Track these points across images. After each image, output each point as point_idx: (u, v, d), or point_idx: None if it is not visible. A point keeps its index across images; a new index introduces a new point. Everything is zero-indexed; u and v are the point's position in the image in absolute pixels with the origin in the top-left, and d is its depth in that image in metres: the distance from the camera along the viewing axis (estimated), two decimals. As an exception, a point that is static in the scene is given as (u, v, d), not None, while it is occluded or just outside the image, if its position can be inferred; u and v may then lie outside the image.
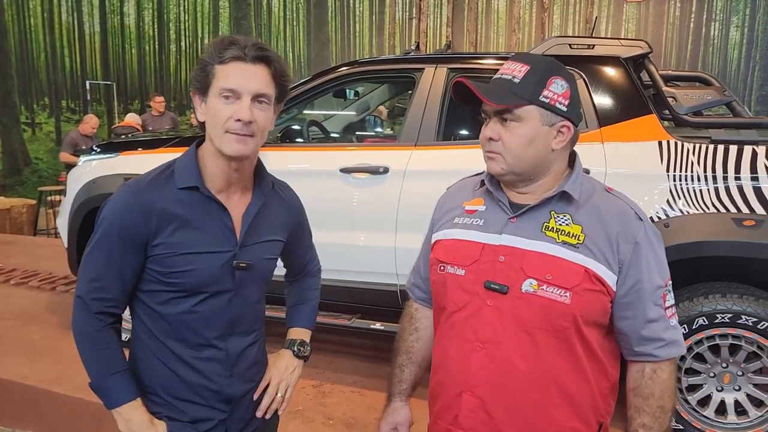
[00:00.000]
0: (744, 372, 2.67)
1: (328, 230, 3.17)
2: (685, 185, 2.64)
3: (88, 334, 1.34)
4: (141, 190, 1.31)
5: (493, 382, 1.26)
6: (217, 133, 1.28)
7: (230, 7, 9.96)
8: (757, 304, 2.54)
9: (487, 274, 1.27)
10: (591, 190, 1.31)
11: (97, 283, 1.32)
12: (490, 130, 1.29)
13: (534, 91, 1.25)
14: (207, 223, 1.33)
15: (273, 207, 1.47)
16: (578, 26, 7.94)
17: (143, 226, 1.29)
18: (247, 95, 1.27)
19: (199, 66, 1.31)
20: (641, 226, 1.27)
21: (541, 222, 1.27)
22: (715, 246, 2.57)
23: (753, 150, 2.60)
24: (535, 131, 1.26)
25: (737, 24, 7.34)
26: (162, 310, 1.35)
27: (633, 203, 1.32)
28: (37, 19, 10.67)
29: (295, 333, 1.62)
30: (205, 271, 1.32)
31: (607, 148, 2.78)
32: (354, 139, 4.50)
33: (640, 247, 1.25)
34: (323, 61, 9.15)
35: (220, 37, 1.33)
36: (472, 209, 1.37)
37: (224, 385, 1.40)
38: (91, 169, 3.74)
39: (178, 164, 1.36)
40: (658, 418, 1.27)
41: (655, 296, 1.27)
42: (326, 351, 3.70)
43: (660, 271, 1.28)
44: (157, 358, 1.37)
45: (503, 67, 1.31)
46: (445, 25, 8.42)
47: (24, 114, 10.70)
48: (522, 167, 1.28)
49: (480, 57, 3.42)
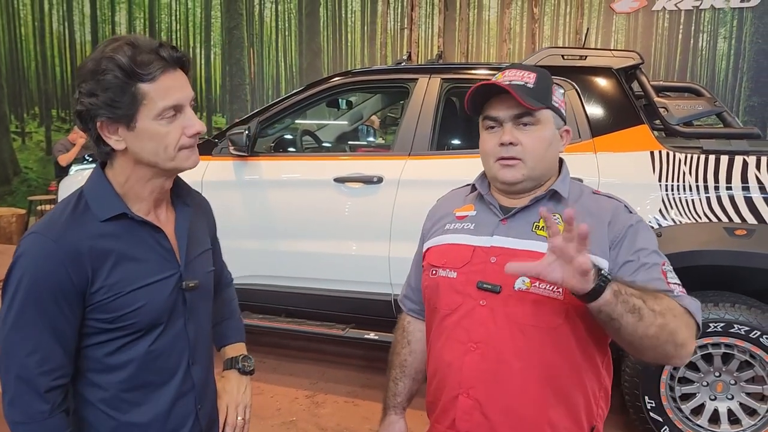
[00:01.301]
0: (737, 381, 2.69)
1: (322, 240, 3.17)
2: (677, 195, 2.66)
3: (36, 424, 1.10)
4: (60, 235, 1.10)
5: (487, 383, 1.25)
6: (165, 155, 1.14)
7: (222, 17, 9.96)
8: (749, 313, 2.56)
9: (479, 275, 1.28)
10: (579, 193, 1.35)
11: (38, 355, 1.09)
12: (508, 135, 1.28)
13: (548, 95, 1.30)
14: (143, 250, 1.18)
15: (196, 214, 1.35)
16: (568, 37, 8.01)
17: (76, 275, 1.10)
18: (188, 104, 1.15)
19: (110, 89, 1.08)
20: (633, 216, 1.30)
21: (532, 222, 1.29)
22: (707, 255, 2.59)
23: (744, 160, 2.63)
24: (551, 134, 1.31)
25: (725, 35, 7.43)
26: (114, 360, 1.17)
27: (623, 200, 1.35)
28: (28, 29, 10.64)
29: (232, 350, 1.51)
30: (156, 302, 1.18)
31: (599, 158, 2.80)
32: (347, 148, 4.51)
33: (633, 228, 1.27)
34: (315, 71, 9.16)
35: (112, 45, 1.11)
36: (463, 215, 1.39)
37: (195, 421, 1.29)
38: (83, 179, 3.72)
39: (89, 195, 1.17)
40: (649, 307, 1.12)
41: (653, 271, 1.23)
42: (320, 361, 3.68)
43: (656, 252, 1.27)
44: (113, 418, 1.19)
45: (509, 74, 1.31)
46: (436, 36, 8.46)
47: (14, 123, 10.65)
48: (540, 171, 1.31)
49: (472, 67, 3.44)
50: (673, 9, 7.54)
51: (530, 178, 1.31)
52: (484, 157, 1.36)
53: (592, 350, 1.27)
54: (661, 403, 2.69)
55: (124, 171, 1.18)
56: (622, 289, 1.10)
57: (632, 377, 2.72)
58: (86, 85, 1.10)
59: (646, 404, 2.70)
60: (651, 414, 2.70)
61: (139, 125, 1.11)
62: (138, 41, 1.11)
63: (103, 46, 1.12)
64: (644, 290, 1.14)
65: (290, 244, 3.16)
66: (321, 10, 9.35)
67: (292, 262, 3.19)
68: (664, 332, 1.12)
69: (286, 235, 3.16)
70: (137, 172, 1.17)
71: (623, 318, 1.10)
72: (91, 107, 1.10)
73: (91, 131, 1.14)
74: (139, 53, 1.09)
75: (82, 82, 1.12)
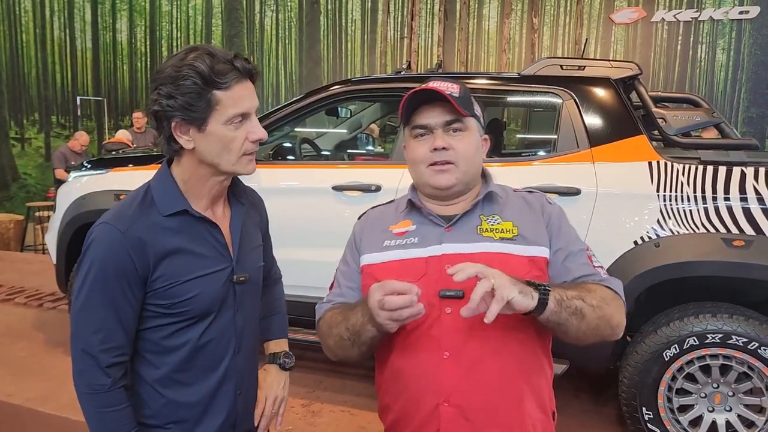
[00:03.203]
0: (735, 392, 2.67)
1: (320, 248, 3.16)
2: (675, 205, 2.66)
3: (99, 395, 1.22)
4: (127, 226, 1.22)
5: (467, 387, 1.26)
6: (229, 158, 1.24)
7: (223, 25, 10.00)
8: (747, 324, 2.55)
9: (439, 284, 1.28)
10: (506, 192, 1.45)
11: (101, 334, 1.22)
12: (441, 140, 1.35)
13: (471, 104, 1.39)
14: (200, 244, 1.29)
15: (249, 211, 1.45)
16: (567, 47, 8.04)
17: (139, 263, 1.22)
18: (253, 113, 1.26)
19: (188, 94, 1.18)
20: (555, 207, 1.43)
21: (475, 226, 1.35)
22: (705, 266, 2.59)
23: (742, 171, 2.63)
24: (477, 140, 1.40)
25: (723, 47, 7.46)
26: (170, 343, 1.29)
27: (540, 192, 1.48)
28: (29, 35, 10.67)
29: (275, 345, 1.60)
30: (209, 292, 1.29)
31: (597, 168, 2.80)
32: (346, 157, 4.51)
33: (557, 217, 1.40)
34: (315, 80, 9.19)
35: (193, 54, 1.20)
36: (402, 231, 1.41)
37: (233, 405, 1.38)
38: (81, 185, 3.72)
39: (155, 190, 1.29)
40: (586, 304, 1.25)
41: (580, 257, 1.37)
42: (316, 370, 3.67)
43: (578, 238, 1.41)
44: (164, 396, 1.30)
45: (434, 84, 1.37)
46: (436, 45, 8.49)
47: (13, 129, 10.66)
48: (471, 175, 1.39)
49: (472, 76, 3.45)
50: (672, 20, 7.57)
51: (462, 182, 1.37)
52: (413, 165, 1.41)
53: (545, 339, 1.36)
54: (658, 414, 2.68)
55: (187, 169, 1.28)
56: (563, 295, 1.21)
57: (630, 388, 2.71)
58: (165, 88, 1.20)
59: (644, 415, 2.69)
60: (649, 425, 2.69)
61: (210, 128, 1.22)
62: (216, 52, 1.21)
63: (183, 53, 1.22)
64: (579, 287, 1.27)
65: (288, 252, 3.14)
66: (321, 18, 9.39)
67: (290, 270, 3.17)
68: (602, 321, 1.26)
69: (284, 243, 3.13)
70: (199, 171, 1.28)
71: (569, 321, 1.22)
72: (168, 109, 1.20)
73: (164, 129, 1.24)
74: (217, 63, 1.19)
75: (160, 84, 1.21)
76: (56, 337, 4.03)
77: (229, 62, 1.21)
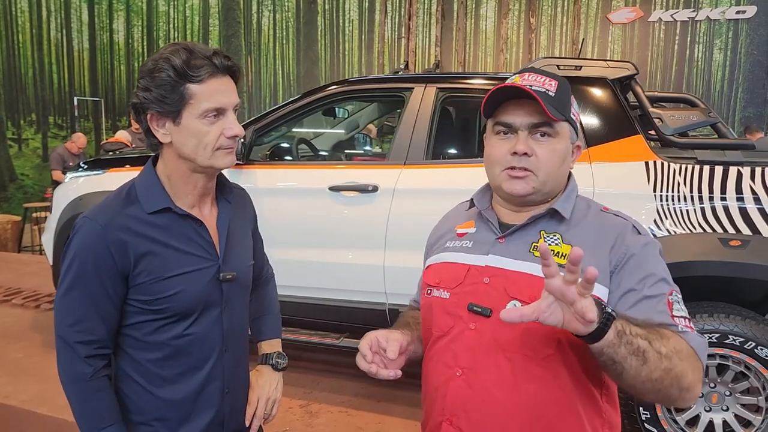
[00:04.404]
0: (732, 392, 2.68)
1: (317, 248, 3.17)
2: (671, 205, 2.66)
3: (80, 383, 1.24)
4: (108, 221, 1.22)
5: (470, 412, 1.17)
6: (204, 153, 1.24)
7: (220, 25, 9.99)
8: (744, 324, 2.55)
9: (471, 297, 1.20)
10: (585, 210, 1.25)
11: (78, 327, 1.24)
12: (523, 144, 1.18)
13: (568, 106, 1.22)
14: (185, 241, 1.29)
15: (237, 209, 1.44)
16: (565, 47, 8.05)
17: (119, 257, 1.22)
18: (231, 109, 1.26)
19: (162, 86, 1.21)
20: (641, 238, 1.19)
21: (530, 242, 1.20)
22: (702, 266, 2.59)
23: (738, 171, 2.63)
24: (565, 148, 1.22)
25: (720, 46, 7.47)
26: (152, 340, 1.28)
27: (632, 219, 1.25)
28: (26, 35, 10.65)
29: (268, 346, 1.59)
30: (192, 290, 1.28)
31: (594, 168, 2.80)
32: (343, 157, 4.51)
33: (640, 252, 1.16)
34: (313, 80, 9.19)
35: (171, 48, 1.24)
36: (463, 232, 1.32)
37: (221, 404, 1.37)
38: (78, 186, 3.72)
39: (140, 188, 1.29)
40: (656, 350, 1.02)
41: (658, 303, 1.12)
42: (314, 370, 3.66)
43: (664, 280, 1.16)
44: (148, 392, 1.30)
45: (530, 78, 1.22)
46: (433, 45, 8.50)
47: (10, 130, 10.64)
48: (551, 186, 1.23)
49: (469, 76, 3.45)
50: (669, 20, 7.58)
51: (539, 192, 1.22)
52: (489, 164, 1.26)
53: (588, 382, 1.16)
54: (655, 414, 2.68)
55: (169, 164, 1.29)
56: (626, 328, 1.00)
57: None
58: (143, 81, 1.23)
59: (641, 415, 2.69)
60: (646, 425, 2.69)
61: (184, 121, 1.23)
62: (195, 48, 1.23)
63: (164, 48, 1.25)
64: (649, 328, 1.05)
65: (285, 252, 3.15)
66: (319, 18, 9.38)
67: (287, 270, 3.18)
68: (668, 376, 1.03)
69: (280, 243, 3.15)
70: (180, 167, 1.28)
71: (626, 361, 1.00)
72: (144, 101, 1.23)
73: (143, 122, 1.27)
74: (194, 58, 1.21)
75: (140, 78, 1.24)
76: (53, 338, 4.00)
77: (207, 58, 1.22)
